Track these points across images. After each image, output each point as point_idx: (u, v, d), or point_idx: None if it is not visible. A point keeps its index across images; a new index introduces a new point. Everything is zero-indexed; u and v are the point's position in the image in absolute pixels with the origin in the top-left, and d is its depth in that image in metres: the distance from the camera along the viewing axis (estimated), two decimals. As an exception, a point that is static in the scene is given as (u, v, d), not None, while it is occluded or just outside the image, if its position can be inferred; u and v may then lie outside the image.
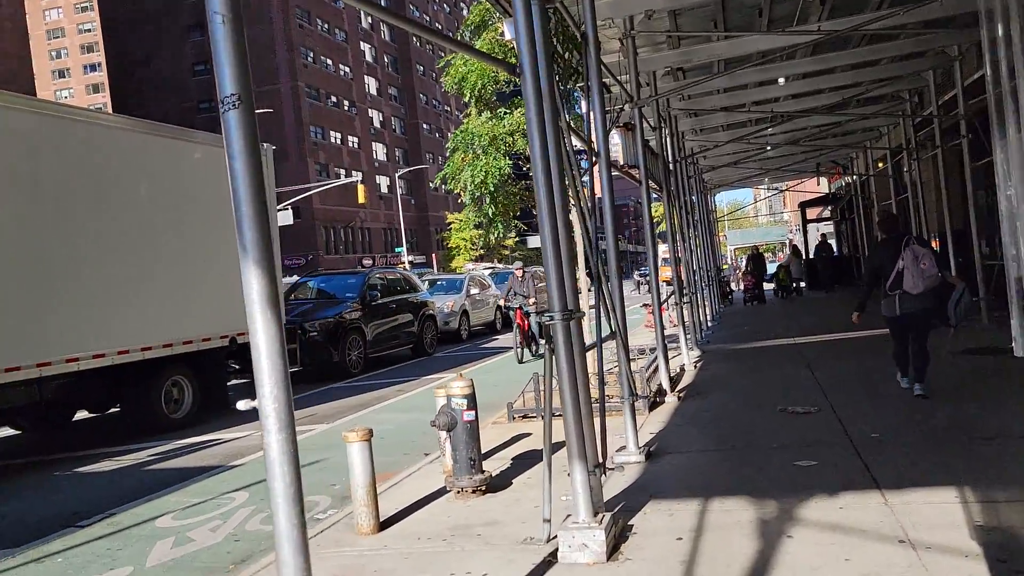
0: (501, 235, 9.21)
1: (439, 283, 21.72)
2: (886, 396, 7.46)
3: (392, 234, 67.87)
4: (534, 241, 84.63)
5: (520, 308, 14.00)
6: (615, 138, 8.60)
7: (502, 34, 8.17)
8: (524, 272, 14.88)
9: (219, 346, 9.59)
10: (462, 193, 8.74)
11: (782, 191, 35.30)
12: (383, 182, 70.07)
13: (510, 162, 8.34)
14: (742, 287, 22.48)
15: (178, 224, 9.28)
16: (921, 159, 15.81)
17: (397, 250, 62.00)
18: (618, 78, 8.94)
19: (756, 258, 22.33)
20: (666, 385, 8.67)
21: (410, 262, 59.12)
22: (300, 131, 60.29)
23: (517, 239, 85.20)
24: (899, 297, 6.99)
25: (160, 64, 60.35)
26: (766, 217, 78.43)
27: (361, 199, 38.75)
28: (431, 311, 16.82)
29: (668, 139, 12.67)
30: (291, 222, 45.29)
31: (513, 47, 9.12)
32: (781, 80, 13.05)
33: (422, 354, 16.33)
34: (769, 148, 21.57)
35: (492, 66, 8.31)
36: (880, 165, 21.84)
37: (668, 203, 10.56)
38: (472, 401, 5.23)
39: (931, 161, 16.23)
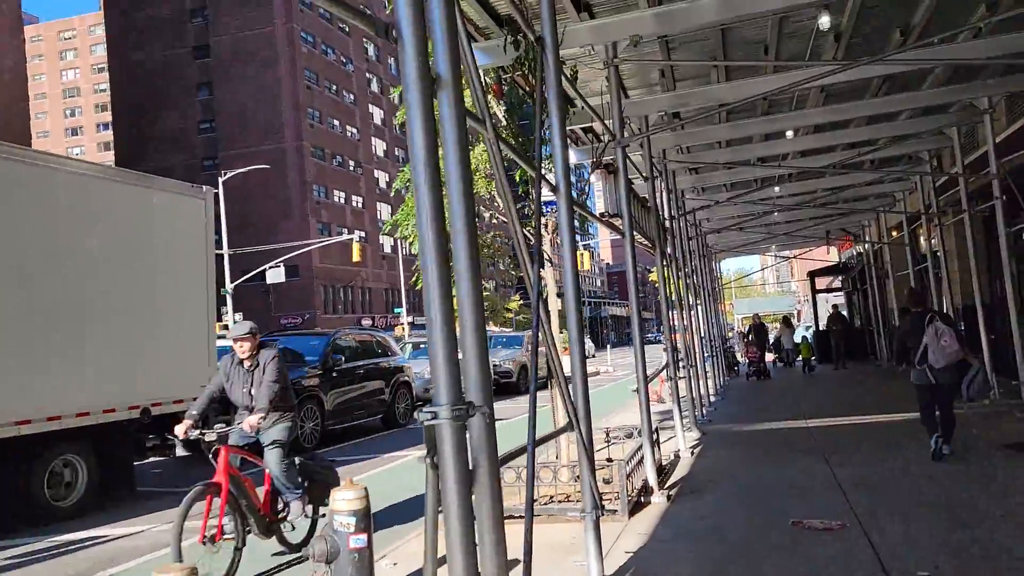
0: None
1: (423, 346, 20.37)
2: (925, 504, 5.94)
3: (393, 294, 66.65)
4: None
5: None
6: (596, 183, 7.29)
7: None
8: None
9: (127, 419, 8.13)
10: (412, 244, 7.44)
11: (788, 259, 34.01)
12: (387, 242, 69.31)
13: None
14: (746, 359, 20.89)
15: (74, 277, 7.85)
16: (943, 225, 14.48)
17: (396, 311, 60.71)
18: (602, 118, 7.70)
19: (758, 328, 20.78)
20: (653, 480, 7.16)
21: (410, 323, 57.78)
22: (303, 189, 59.82)
23: (521, 301, 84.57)
24: (928, 369, 7.55)
25: (167, 121, 60.41)
26: (773, 287, 77.09)
27: (356, 257, 37.58)
28: (407, 377, 15.35)
29: (664, 193, 11.41)
30: (282, 280, 44.44)
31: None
32: (789, 133, 11.86)
33: (394, 426, 14.79)
34: (776, 212, 20.37)
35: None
36: (895, 234, 20.54)
37: (661, 262, 9.21)
38: (364, 519, 3.76)
39: (952, 228, 14.93)
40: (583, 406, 4.57)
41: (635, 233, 9.07)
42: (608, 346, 56.54)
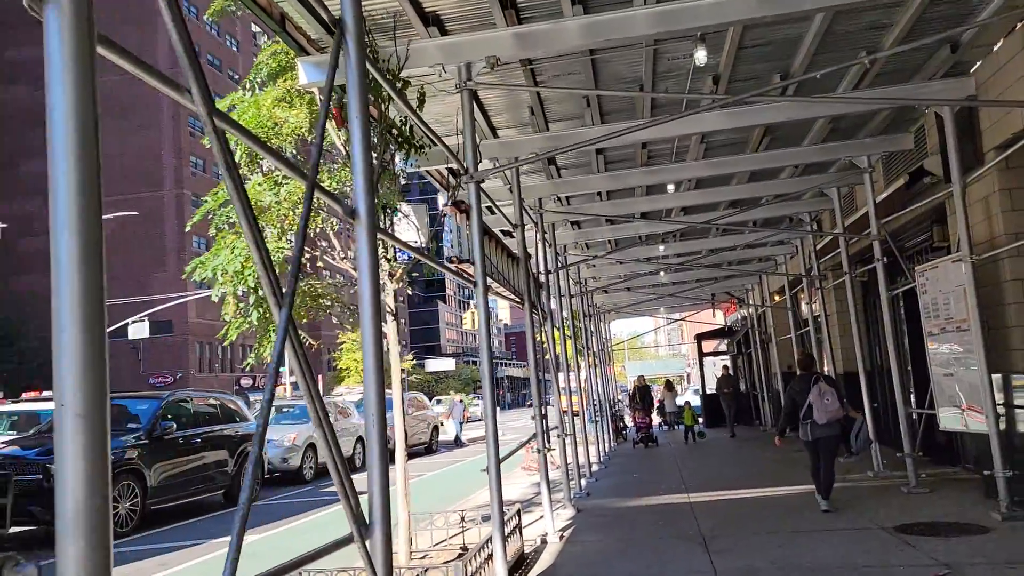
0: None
1: (287, 410, 18.56)
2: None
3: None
4: (435, 364, 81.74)
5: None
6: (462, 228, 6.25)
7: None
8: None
9: None
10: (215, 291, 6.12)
11: (676, 321, 34.16)
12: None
13: (290, 243, 5.87)
14: (634, 424, 20.09)
15: None
16: (824, 288, 14.26)
17: (280, 370, 57.36)
18: (456, 155, 6.69)
19: (643, 391, 20.04)
20: (504, 582, 5.95)
21: (293, 383, 54.76)
22: (181, 240, 56.53)
23: (415, 362, 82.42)
24: (810, 425, 8.59)
25: (31, 166, 56.19)
26: (665, 349, 78.41)
27: (227, 313, 35.01)
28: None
29: (540, 245, 10.52)
30: (146, 335, 41.17)
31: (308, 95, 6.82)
32: (670, 187, 11.28)
33: (237, 502, 12.97)
34: (662, 272, 20.02)
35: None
36: (777, 298, 20.55)
37: (529, 317, 8.20)
38: None
39: (833, 292, 14.77)
40: (381, 504, 3.37)
41: (500, 287, 8.04)
42: (504, 408, 55.44)
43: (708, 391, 27.28)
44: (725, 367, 17.88)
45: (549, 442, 8.99)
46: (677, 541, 7.57)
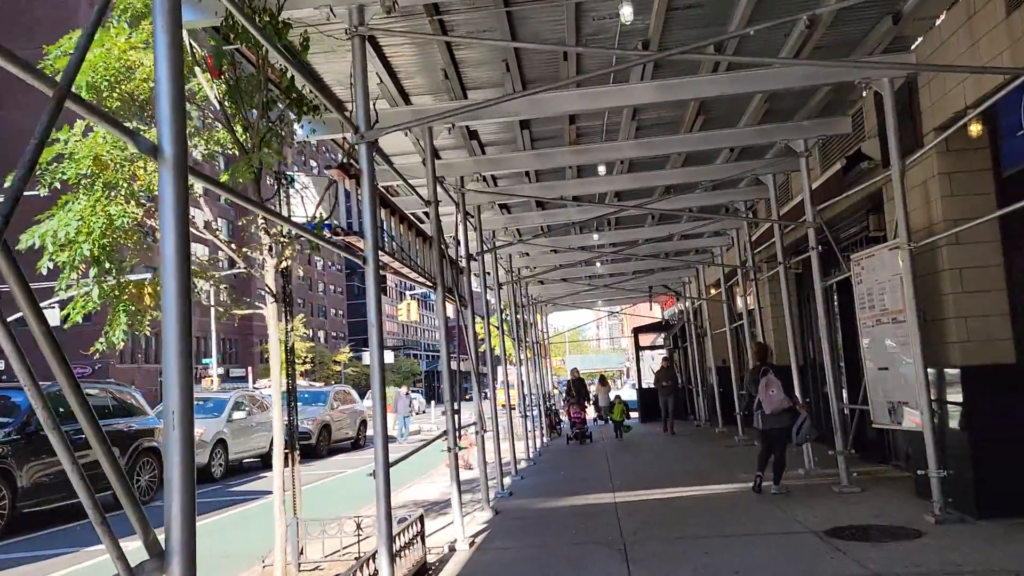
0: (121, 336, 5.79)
1: (200, 403, 17.39)
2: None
3: (203, 344, 61.15)
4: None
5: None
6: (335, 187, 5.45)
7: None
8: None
9: None
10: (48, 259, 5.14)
11: (613, 314, 33.81)
12: (201, 284, 63.73)
13: (138, 210, 4.98)
14: (568, 419, 19.51)
15: None
16: (759, 281, 13.88)
17: (204, 361, 55.38)
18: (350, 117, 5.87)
19: (577, 383, 19.48)
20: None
21: (219, 375, 52.87)
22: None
23: (351, 354, 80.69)
24: (760, 415, 8.95)
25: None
26: (607, 343, 78.52)
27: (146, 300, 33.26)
28: (151, 443, 12.55)
29: (461, 228, 9.78)
30: (58, 323, 38.91)
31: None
32: (601, 168, 10.65)
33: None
34: (598, 263, 19.49)
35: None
36: (713, 291, 20.24)
37: (442, 300, 7.46)
38: None
39: (767, 285, 14.42)
40: (182, 529, 2.59)
41: (408, 269, 7.27)
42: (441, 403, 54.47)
43: (645, 385, 27.03)
44: (665, 359, 17.30)
45: (460, 437, 8.23)
46: (595, 547, 6.94)
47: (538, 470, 13.81)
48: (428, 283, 7.79)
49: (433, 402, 57.51)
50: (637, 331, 27.26)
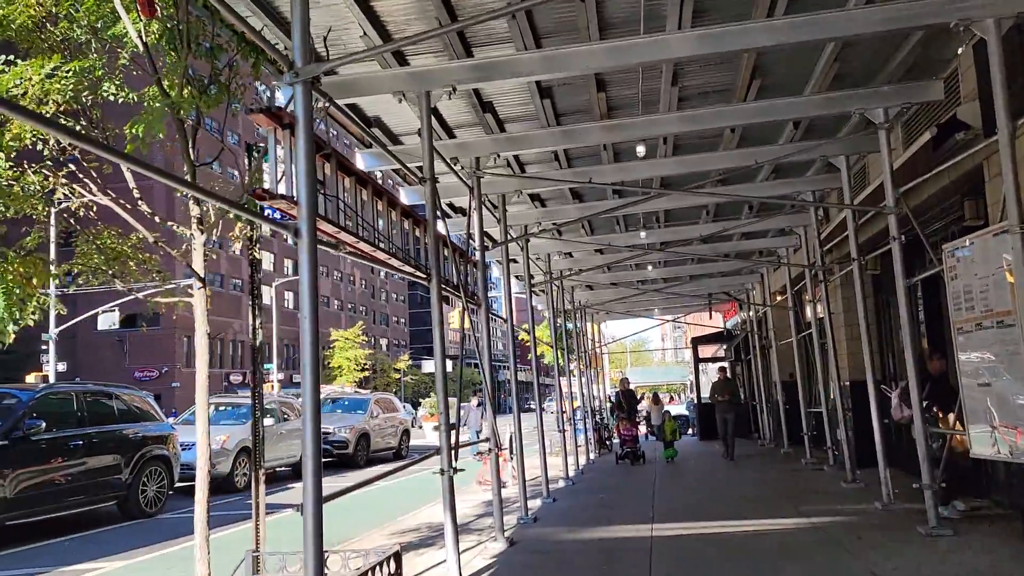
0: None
1: (223, 408, 16.68)
2: None
3: (267, 349, 61.67)
4: (431, 365, 79.55)
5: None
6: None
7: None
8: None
9: None
10: None
11: (676, 324, 32.07)
12: (266, 292, 64.54)
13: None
14: (618, 436, 17.93)
15: None
16: (830, 284, 12.23)
17: (267, 367, 55.68)
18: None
19: (627, 395, 17.88)
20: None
21: (280, 380, 53.03)
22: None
23: (410, 362, 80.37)
24: None
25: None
26: (671, 354, 76.12)
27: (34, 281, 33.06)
28: (162, 450, 11.71)
29: (476, 215, 8.58)
30: (116, 326, 39.34)
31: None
32: (640, 148, 9.26)
33: (137, 515, 11.09)
34: (650, 267, 18.01)
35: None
36: (779, 298, 18.47)
37: (437, 294, 6.28)
38: None
39: (839, 290, 12.74)
40: None
41: (388, 256, 6.10)
42: (504, 412, 53.27)
43: (704, 400, 25.29)
44: (722, 369, 15.47)
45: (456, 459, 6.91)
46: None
47: (574, 491, 12.45)
48: (420, 275, 6.58)
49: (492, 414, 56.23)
50: (696, 341, 25.52)
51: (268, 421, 15.95)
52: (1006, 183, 5.81)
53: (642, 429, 20.33)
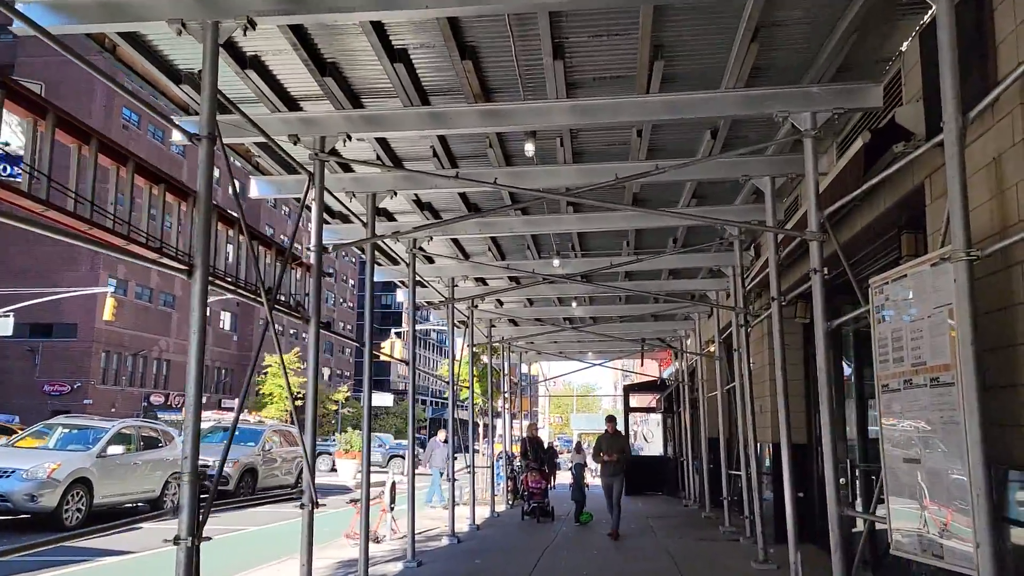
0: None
1: (73, 432, 14.50)
2: None
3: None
4: (374, 399, 76.58)
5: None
6: None
7: None
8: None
9: None
10: None
11: (615, 369, 30.60)
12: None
13: None
14: (524, 488, 16.11)
15: None
16: (750, 329, 10.78)
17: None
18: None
19: (533, 442, 16.09)
20: None
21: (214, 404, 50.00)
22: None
23: (350, 393, 77.38)
24: None
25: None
26: (613, 401, 74.44)
27: (108, 316, 30.92)
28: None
29: (315, 204, 6.91)
30: (9, 333, 36.48)
31: None
32: (529, 148, 7.69)
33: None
34: (574, 304, 16.50)
35: None
36: (711, 348, 17.05)
37: (201, 292, 4.59)
38: None
39: (764, 337, 11.29)
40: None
41: (115, 237, 4.38)
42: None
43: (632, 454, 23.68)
44: (610, 420, 13.38)
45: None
46: None
47: (453, 553, 10.64)
48: (177, 266, 4.88)
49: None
50: (629, 389, 24.01)
51: (118, 449, 13.86)
52: (951, 196, 4.36)
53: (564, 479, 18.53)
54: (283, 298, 6.55)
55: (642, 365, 23.41)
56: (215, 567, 9.35)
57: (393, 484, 12.59)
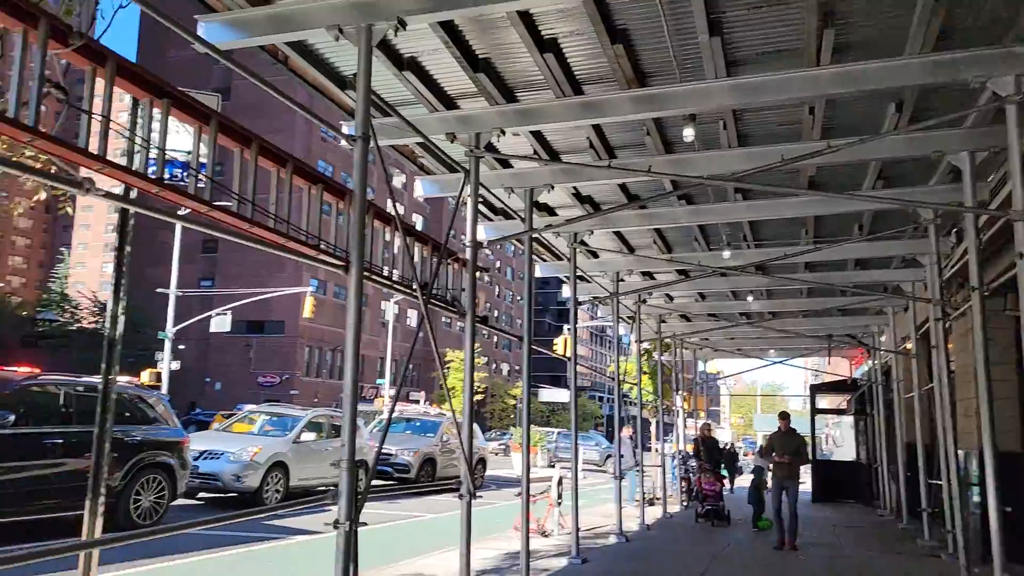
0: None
1: (273, 419, 15.86)
2: None
3: (381, 364, 62.25)
4: (548, 394, 77.96)
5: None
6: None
7: None
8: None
9: None
10: None
11: (776, 365, 28.95)
12: (389, 309, 65.41)
13: None
14: (699, 489, 15.52)
15: None
16: (956, 325, 9.65)
17: (379, 382, 56.16)
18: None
19: (708, 444, 15.43)
20: None
21: (390, 396, 53.16)
22: (301, 242, 56.59)
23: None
24: None
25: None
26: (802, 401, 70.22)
27: (308, 313, 33.57)
28: (165, 457, 10.83)
29: (470, 197, 7.02)
30: (227, 329, 40.46)
31: None
32: (688, 133, 7.33)
33: (126, 525, 10.18)
34: (750, 298, 15.68)
35: None
36: (909, 345, 15.52)
37: (356, 284, 4.80)
38: None
39: (971, 330, 10.06)
40: None
41: (269, 233, 4.65)
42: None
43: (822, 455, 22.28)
44: (784, 417, 12.03)
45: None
46: None
47: (617, 553, 10.44)
48: (335, 262, 5.09)
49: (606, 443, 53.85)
50: (816, 390, 22.46)
51: (310, 435, 14.95)
52: None
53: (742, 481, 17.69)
54: (439, 293, 6.71)
55: (829, 364, 21.83)
56: (394, 551, 9.83)
57: (560, 479, 12.59)
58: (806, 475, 22.11)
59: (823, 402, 23.04)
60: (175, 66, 57.43)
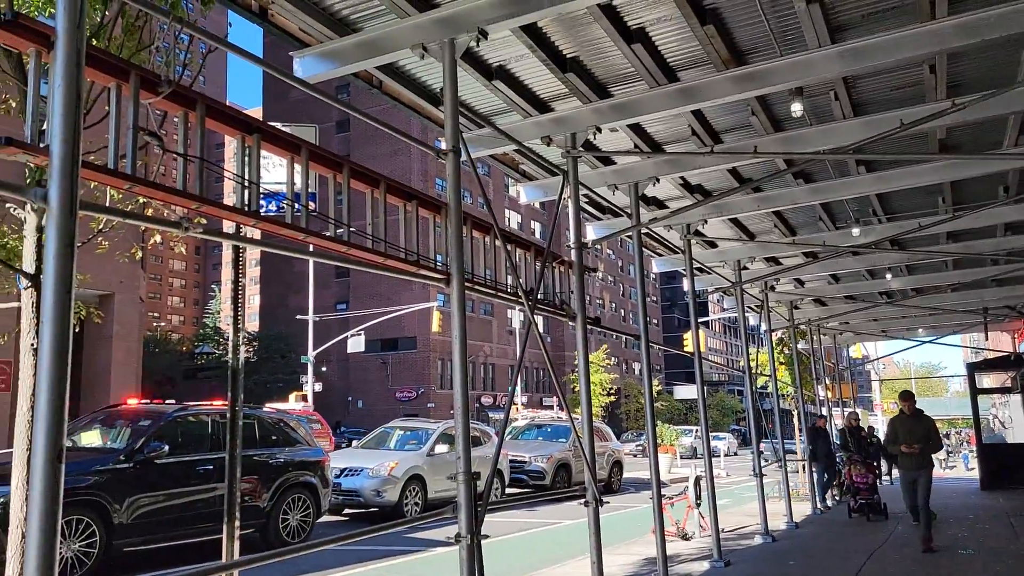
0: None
1: (403, 433, 16.30)
2: None
3: (511, 371, 62.94)
4: (683, 392, 76.05)
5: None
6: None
7: None
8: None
9: None
10: None
11: (925, 344, 26.79)
12: (515, 317, 66.15)
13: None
14: (849, 481, 14.58)
15: None
16: None
17: (510, 389, 56.65)
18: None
19: (856, 435, 14.38)
20: None
21: (523, 403, 53.59)
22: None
23: (661, 387, 77.45)
24: None
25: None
26: (960, 383, 65.21)
27: (435, 327, 34.46)
28: (308, 477, 11.32)
29: (571, 198, 6.91)
30: (362, 348, 42.02)
31: None
32: (796, 108, 6.88)
33: (276, 544, 10.73)
34: (888, 275, 14.66)
35: None
36: (1081, 310, 13.99)
37: (459, 292, 4.83)
38: None
39: None
40: None
41: (367, 253, 4.73)
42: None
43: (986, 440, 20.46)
44: (907, 397, 10.44)
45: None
46: None
47: (764, 554, 9.96)
48: (435, 276, 5.10)
49: (735, 444, 51.99)
50: (973, 368, 20.67)
51: (443, 448, 15.24)
52: None
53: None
54: (545, 297, 6.64)
55: (987, 339, 20.07)
56: (529, 560, 9.83)
57: (698, 478, 12.20)
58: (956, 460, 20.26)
59: (985, 381, 21.19)
60: (300, 102, 60.86)
